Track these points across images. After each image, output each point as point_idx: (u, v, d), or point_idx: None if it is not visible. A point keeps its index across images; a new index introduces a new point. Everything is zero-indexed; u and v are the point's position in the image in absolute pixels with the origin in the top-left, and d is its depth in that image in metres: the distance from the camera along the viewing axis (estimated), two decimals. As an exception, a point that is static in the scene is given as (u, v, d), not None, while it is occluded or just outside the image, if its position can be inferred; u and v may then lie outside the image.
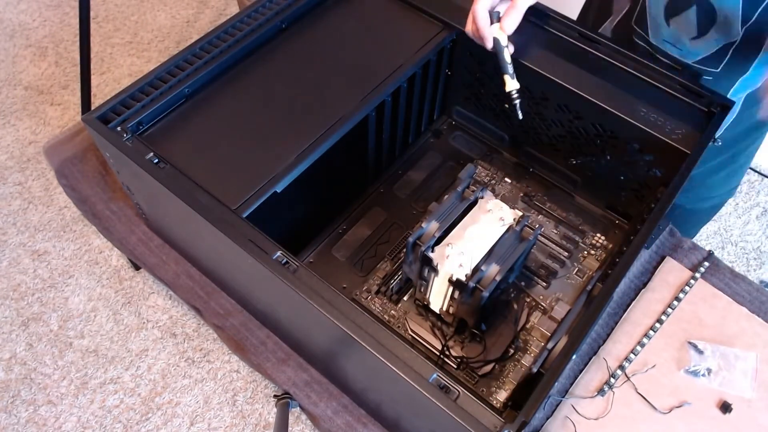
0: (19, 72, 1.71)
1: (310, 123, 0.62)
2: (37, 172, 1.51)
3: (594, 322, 0.49)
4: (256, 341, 0.70)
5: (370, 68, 0.67)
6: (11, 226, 1.41)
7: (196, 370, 1.23)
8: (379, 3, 0.74)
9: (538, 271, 0.70)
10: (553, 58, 0.67)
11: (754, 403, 0.62)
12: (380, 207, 0.75)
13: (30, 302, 1.31)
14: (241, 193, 0.56)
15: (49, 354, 1.24)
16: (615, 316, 0.68)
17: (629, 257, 0.52)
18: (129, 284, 1.34)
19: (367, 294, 0.68)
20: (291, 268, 0.50)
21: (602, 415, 0.62)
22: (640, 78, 0.65)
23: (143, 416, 1.18)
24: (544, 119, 0.71)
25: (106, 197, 0.79)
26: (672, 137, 0.60)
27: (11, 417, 1.17)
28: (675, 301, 0.68)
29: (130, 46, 1.79)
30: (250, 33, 0.67)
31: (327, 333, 0.52)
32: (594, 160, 0.70)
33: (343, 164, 0.68)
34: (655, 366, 0.64)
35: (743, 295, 0.70)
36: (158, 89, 0.62)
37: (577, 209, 0.75)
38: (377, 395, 0.59)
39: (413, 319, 0.65)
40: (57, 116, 1.62)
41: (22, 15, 1.86)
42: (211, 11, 1.90)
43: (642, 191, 0.68)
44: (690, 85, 0.64)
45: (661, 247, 0.74)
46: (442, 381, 0.45)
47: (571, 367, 0.65)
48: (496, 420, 0.44)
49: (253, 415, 1.19)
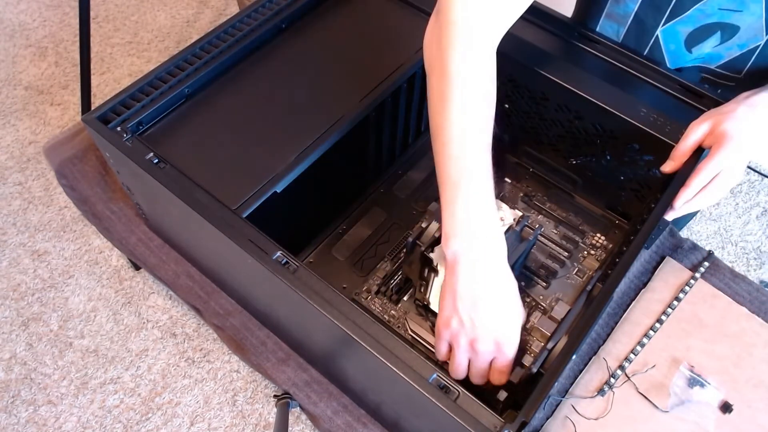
0: (19, 72, 1.71)
1: (310, 123, 0.62)
2: (37, 172, 1.51)
3: (594, 322, 0.49)
4: (256, 341, 0.70)
5: (370, 68, 0.67)
6: (11, 226, 1.41)
7: (196, 370, 1.23)
8: (379, 3, 0.74)
9: (538, 271, 0.70)
10: (553, 58, 0.67)
11: (754, 403, 0.62)
12: (380, 207, 0.75)
13: (30, 302, 1.31)
14: (241, 193, 0.56)
15: (49, 354, 1.24)
16: (615, 316, 0.68)
17: (629, 257, 0.52)
18: (129, 284, 1.34)
19: (367, 294, 0.68)
20: (291, 268, 0.50)
21: (602, 415, 0.62)
22: (640, 78, 0.65)
23: (143, 416, 1.18)
24: (544, 119, 0.71)
25: (106, 197, 0.79)
26: (672, 137, 0.60)
27: (11, 417, 1.17)
28: (675, 301, 0.68)
29: (130, 46, 1.79)
30: (250, 33, 0.67)
31: (327, 333, 0.52)
32: (594, 160, 0.70)
33: (343, 164, 0.68)
34: (655, 366, 0.64)
35: (743, 295, 0.70)
36: (158, 89, 0.62)
37: (577, 209, 0.75)
38: (377, 395, 0.59)
39: (413, 319, 0.65)
40: (57, 116, 1.62)
41: (22, 15, 1.86)
42: (211, 11, 1.90)
43: (642, 191, 0.68)
44: (690, 85, 0.64)
45: (661, 247, 0.74)
46: (442, 381, 0.45)
47: (571, 367, 0.65)
48: (495, 420, 0.44)
49: (253, 415, 1.19)
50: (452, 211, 0.48)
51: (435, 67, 0.51)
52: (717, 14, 0.62)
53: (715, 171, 0.54)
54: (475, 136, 0.49)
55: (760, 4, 0.59)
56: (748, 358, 0.65)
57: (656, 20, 0.66)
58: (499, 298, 0.49)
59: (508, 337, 0.49)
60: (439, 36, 0.50)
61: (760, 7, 0.59)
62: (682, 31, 0.66)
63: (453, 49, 0.49)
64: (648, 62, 0.66)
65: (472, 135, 0.49)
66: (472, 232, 0.48)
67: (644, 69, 0.65)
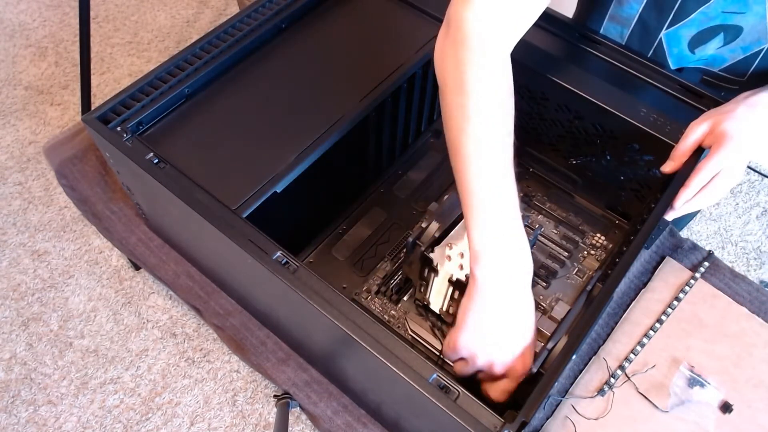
0: (19, 72, 1.71)
1: (310, 123, 0.62)
2: (37, 172, 1.51)
3: (594, 322, 0.49)
4: (256, 341, 0.70)
5: (370, 68, 0.67)
6: (11, 226, 1.41)
7: (196, 370, 1.23)
8: (379, 3, 0.74)
9: (538, 271, 0.70)
10: (552, 58, 0.67)
11: (754, 403, 0.62)
12: (380, 207, 0.75)
13: (30, 302, 1.31)
14: (241, 193, 0.56)
15: (49, 354, 1.24)
16: (615, 316, 0.68)
17: (629, 257, 0.52)
18: (129, 284, 1.34)
19: (367, 294, 0.68)
20: (291, 268, 0.50)
21: (602, 415, 0.62)
22: (640, 78, 0.65)
23: (143, 416, 1.18)
24: (544, 119, 0.71)
25: (106, 197, 0.79)
26: (672, 137, 0.60)
27: (11, 417, 1.17)
28: (675, 301, 0.68)
29: (130, 46, 1.79)
30: (250, 33, 0.67)
31: (327, 333, 0.52)
32: (594, 160, 0.70)
33: (343, 164, 0.68)
34: (655, 366, 0.64)
35: (743, 295, 0.70)
36: (158, 89, 0.62)
37: (577, 209, 0.75)
38: (377, 395, 0.59)
39: (413, 319, 0.65)
40: (57, 116, 1.62)
41: (22, 15, 1.86)
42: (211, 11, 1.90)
43: (642, 191, 0.68)
44: (690, 85, 0.64)
45: (661, 247, 0.74)
46: (442, 381, 0.45)
47: (571, 367, 0.65)
48: (495, 420, 0.44)
49: (253, 415, 1.19)
50: (478, 231, 0.48)
51: (450, 82, 0.50)
52: (720, 17, 0.62)
53: (714, 171, 0.54)
54: (496, 151, 0.48)
55: (763, 5, 0.59)
56: (748, 358, 0.65)
57: (660, 23, 0.66)
58: (517, 327, 0.49)
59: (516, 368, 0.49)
60: (454, 50, 0.49)
61: (763, 8, 0.59)
62: (686, 35, 0.66)
63: (469, 62, 0.48)
64: (648, 62, 0.66)
65: (494, 151, 0.48)
66: (499, 255, 0.48)
67: (644, 69, 0.65)
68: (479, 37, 0.49)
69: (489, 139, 0.48)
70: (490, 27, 0.49)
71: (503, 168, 0.49)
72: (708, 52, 0.67)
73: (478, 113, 0.48)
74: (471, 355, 0.50)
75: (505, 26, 0.50)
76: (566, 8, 0.75)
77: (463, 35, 0.49)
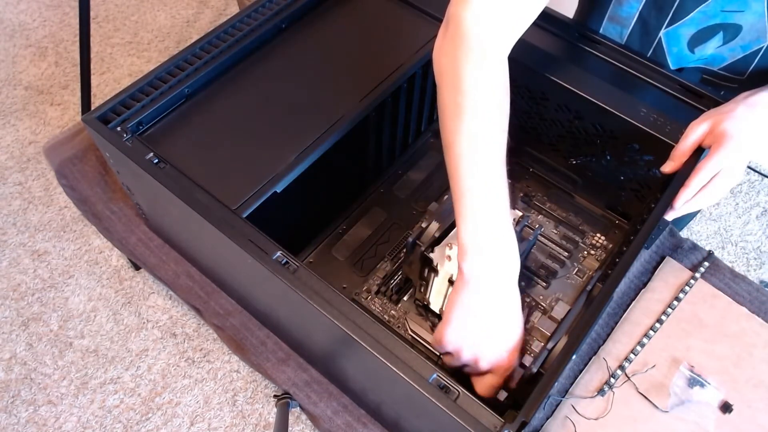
0: (19, 72, 1.71)
1: (310, 123, 0.62)
2: (37, 172, 1.51)
3: (594, 322, 0.49)
4: (256, 341, 0.70)
5: (370, 68, 0.67)
6: (11, 226, 1.41)
7: (196, 370, 1.23)
8: (379, 3, 0.74)
9: (538, 271, 0.70)
10: (552, 58, 0.67)
11: (754, 403, 0.62)
12: (380, 207, 0.75)
13: (30, 302, 1.31)
14: (241, 193, 0.56)
15: (49, 354, 1.24)
16: (615, 316, 0.68)
17: (629, 257, 0.52)
18: (129, 284, 1.34)
19: (367, 294, 0.68)
20: (291, 268, 0.50)
21: (602, 415, 0.62)
22: (640, 78, 0.65)
23: (143, 416, 1.18)
24: (543, 119, 0.71)
25: (106, 197, 0.79)
26: (672, 137, 0.60)
27: (11, 417, 1.17)
28: (675, 301, 0.68)
29: (130, 46, 1.79)
30: (250, 33, 0.67)
31: (327, 333, 0.52)
32: (594, 160, 0.70)
33: (342, 164, 0.68)
34: (655, 366, 0.64)
35: (743, 295, 0.70)
36: (158, 89, 0.62)
37: (577, 209, 0.75)
38: (377, 395, 0.59)
39: (413, 319, 0.65)
40: (57, 116, 1.62)
41: (22, 15, 1.86)
42: (211, 11, 1.90)
43: (642, 191, 0.68)
44: (690, 85, 0.64)
45: (661, 247, 0.74)
46: (442, 381, 0.45)
47: (571, 367, 0.65)
48: (495, 420, 0.44)
49: (253, 415, 1.19)
50: (468, 226, 0.49)
51: (447, 80, 0.51)
52: (720, 16, 0.62)
53: (714, 170, 0.54)
54: (490, 149, 0.49)
55: (762, 4, 0.59)
56: (748, 358, 0.65)
57: (659, 22, 0.66)
58: (503, 323, 0.50)
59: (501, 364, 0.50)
60: (452, 49, 0.50)
61: (762, 6, 0.59)
62: (685, 34, 0.66)
63: (466, 62, 0.49)
64: (648, 62, 0.66)
65: (487, 148, 0.49)
66: (487, 250, 0.49)
67: (644, 69, 0.65)
68: (478, 38, 0.49)
69: (483, 136, 0.49)
70: (488, 27, 0.49)
71: (495, 166, 0.49)
72: (707, 51, 0.67)
73: (474, 111, 0.49)
74: (456, 350, 0.50)
75: (503, 27, 0.50)
76: (566, 8, 0.75)
77: (461, 35, 0.49)
